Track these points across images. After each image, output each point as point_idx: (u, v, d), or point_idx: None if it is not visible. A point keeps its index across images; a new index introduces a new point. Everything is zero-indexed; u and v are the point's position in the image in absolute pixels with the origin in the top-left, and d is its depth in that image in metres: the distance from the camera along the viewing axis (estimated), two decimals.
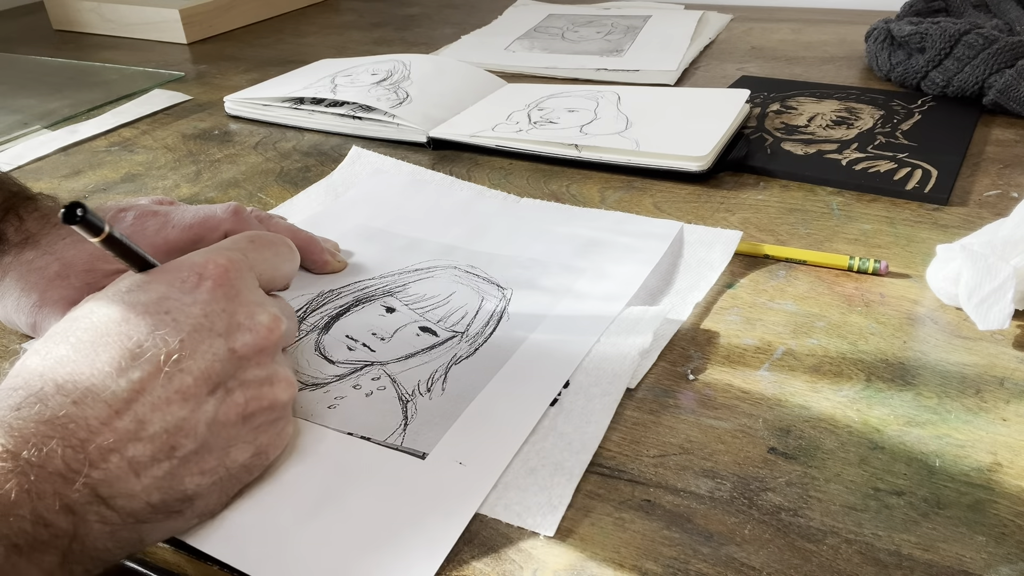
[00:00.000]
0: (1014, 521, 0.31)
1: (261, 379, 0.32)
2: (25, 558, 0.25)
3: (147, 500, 0.28)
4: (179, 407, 0.29)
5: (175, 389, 0.29)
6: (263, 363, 0.32)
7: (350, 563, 0.30)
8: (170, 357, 0.29)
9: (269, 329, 0.32)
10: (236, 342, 0.31)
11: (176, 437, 0.29)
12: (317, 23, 1.12)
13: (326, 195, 0.59)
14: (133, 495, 0.28)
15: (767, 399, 0.38)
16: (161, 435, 0.28)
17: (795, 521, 0.31)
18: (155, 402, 0.28)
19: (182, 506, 0.30)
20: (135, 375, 0.28)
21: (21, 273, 0.42)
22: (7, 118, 0.78)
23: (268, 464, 0.33)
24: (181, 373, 0.29)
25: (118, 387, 0.28)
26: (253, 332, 0.31)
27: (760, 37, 0.94)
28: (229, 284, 0.32)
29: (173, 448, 0.29)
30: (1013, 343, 0.41)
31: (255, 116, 0.75)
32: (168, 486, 0.29)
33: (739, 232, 0.50)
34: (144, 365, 0.29)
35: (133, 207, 0.45)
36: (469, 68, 0.79)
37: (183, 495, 0.29)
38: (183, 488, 0.29)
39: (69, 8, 1.10)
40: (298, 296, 0.46)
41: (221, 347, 0.30)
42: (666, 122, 0.64)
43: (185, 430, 0.29)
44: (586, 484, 0.34)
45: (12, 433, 0.26)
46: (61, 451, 0.26)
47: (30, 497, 0.25)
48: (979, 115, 0.67)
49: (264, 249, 0.36)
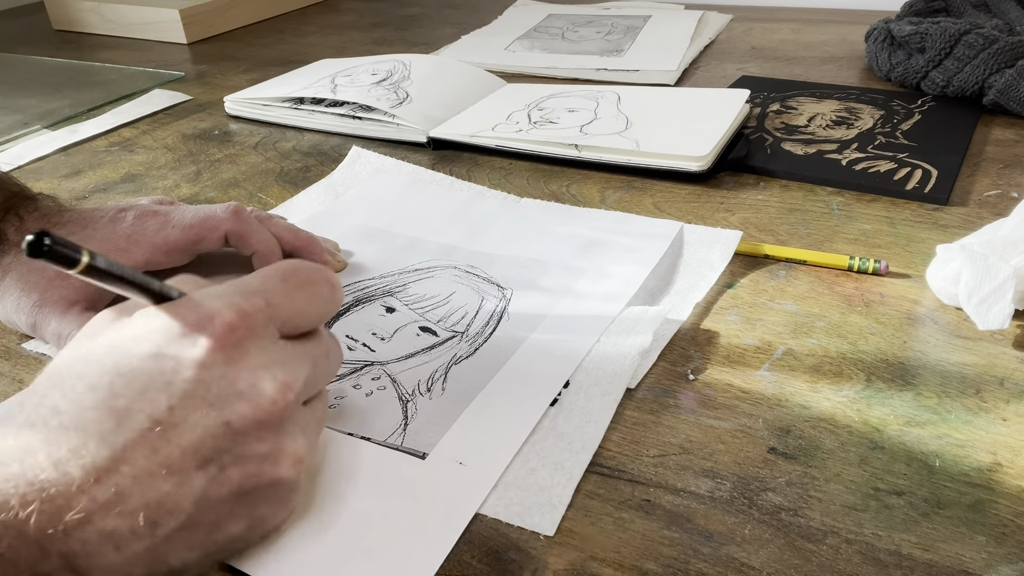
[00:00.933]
0: (1014, 521, 0.31)
1: (262, 455, 0.28)
2: None
3: (128, 573, 0.26)
4: (163, 481, 0.26)
5: (159, 461, 0.26)
6: (264, 437, 0.28)
7: (350, 563, 0.30)
8: (156, 425, 0.26)
9: (272, 401, 0.28)
10: (232, 414, 0.27)
11: (158, 513, 0.26)
12: (317, 23, 1.12)
13: (326, 195, 0.59)
14: (112, 568, 0.25)
15: (767, 399, 0.38)
16: (142, 509, 0.25)
17: (795, 521, 0.31)
18: (137, 473, 0.25)
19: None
20: (118, 440, 0.25)
21: (21, 273, 0.42)
22: (7, 118, 0.78)
23: (270, 531, 0.30)
24: (168, 444, 0.26)
25: (99, 453, 0.25)
26: (252, 403, 0.27)
27: (760, 37, 0.94)
28: (234, 345, 0.27)
29: (155, 524, 0.26)
30: (1013, 343, 0.41)
31: (255, 116, 0.75)
32: (151, 560, 0.26)
33: (739, 232, 0.50)
34: (127, 432, 0.26)
35: (133, 207, 0.45)
36: (469, 68, 0.79)
37: (169, 568, 0.27)
38: (168, 563, 0.27)
39: (69, 8, 1.10)
40: None
41: (214, 419, 0.27)
42: (666, 122, 0.64)
43: (168, 507, 0.26)
44: (586, 484, 0.34)
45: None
46: (35, 520, 0.24)
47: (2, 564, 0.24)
48: (979, 115, 0.67)
49: (297, 292, 0.31)
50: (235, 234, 0.44)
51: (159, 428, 0.26)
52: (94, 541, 0.25)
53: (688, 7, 1.06)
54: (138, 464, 0.25)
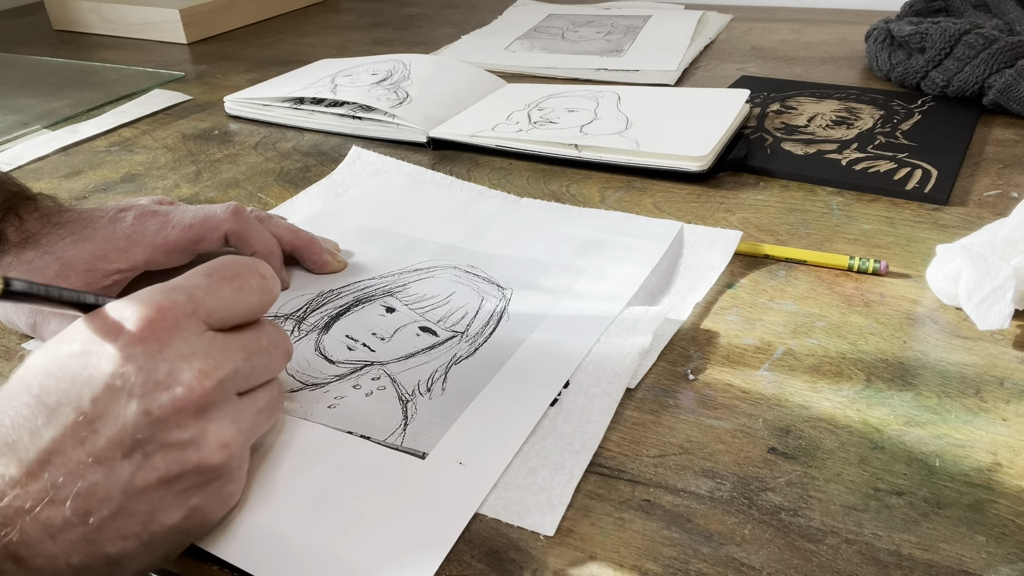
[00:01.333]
0: (1014, 521, 0.31)
1: (184, 441, 0.28)
2: None
3: (67, 562, 0.27)
4: (92, 471, 0.27)
5: (87, 451, 0.27)
6: (185, 424, 0.28)
7: (350, 562, 0.30)
8: (81, 416, 0.27)
9: (190, 388, 0.28)
10: (151, 403, 0.28)
11: (89, 502, 0.27)
12: (317, 23, 1.12)
13: (326, 195, 0.59)
14: (51, 556, 0.27)
15: (767, 399, 0.38)
16: (73, 499, 0.27)
17: (795, 521, 0.31)
18: (67, 464, 0.27)
19: (110, 568, 0.28)
20: (48, 434, 0.27)
21: (21, 273, 0.42)
22: (7, 118, 0.78)
23: (211, 523, 0.31)
24: (94, 435, 0.27)
25: (32, 446, 0.27)
26: (170, 392, 0.28)
27: (760, 37, 0.94)
28: (154, 339, 0.29)
29: (87, 513, 0.27)
30: (1013, 343, 0.41)
31: (255, 116, 0.75)
32: (88, 550, 0.27)
33: (739, 232, 0.50)
34: (56, 425, 0.27)
35: (133, 207, 0.45)
36: (469, 68, 0.79)
37: (107, 558, 0.28)
38: (105, 552, 0.28)
39: (69, 8, 1.10)
40: (298, 296, 0.46)
41: (135, 408, 0.28)
42: (666, 122, 0.64)
43: (99, 495, 0.27)
44: (586, 484, 0.34)
45: None
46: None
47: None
48: (979, 115, 0.67)
49: (223, 286, 0.32)
50: (235, 234, 0.44)
51: (84, 419, 0.27)
52: (31, 531, 0.26)
53: (688, 7, 1.06)
54: (67, 455, 0.27)
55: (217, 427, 0.29)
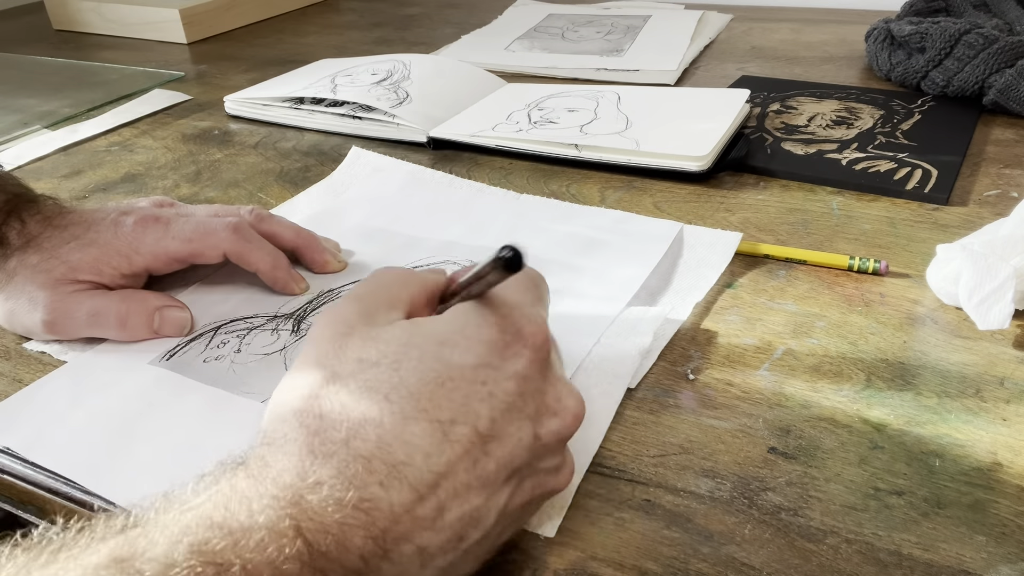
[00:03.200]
0: (1014, 521, 0.31)
1: (550, 468, 0.28)
2: None
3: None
4: (476, 495, 0.25)
5: (477, 475, 0.25)
6: (558, 451, 0.28)
7: None
8: (479, 437, 0.25)
9: (575, 416, 0.28)
10: (542, 428, 0.27)
11: (467, 527, 0.25)
12: (317, 23, 1.12)
13: (326, 195, 0.59)
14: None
15: (767, 399, 0.38)
16: (455, 524, 0.25)
17: (795, 521, 0.31)
18: (457, 488, 0.25)
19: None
20: (443, 457, 0.25)
21: (27, 276, 0.42)
22: (7, 118, 0.78)
23: None
24: (486, 457, 0.26)
25: (427, 469, 0.24)
26: (560, 418, 0.28)
27: (760, 37, 0.94)
28: (544, 360, 0.27)
29: (462, 539, 0.25)
30: (1013, 343, 0.41)
31: (255, 116, 0.75)
32: (445, 572, 0.26)
33: (739, 233, 0.50)
34: (455, 446, 0.25)
35: (133, 210, 0.45)
36: (469, 68, 0.79)
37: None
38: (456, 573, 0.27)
39: (69, 8, 1.10)
40: (298, 296, 0.46)
41: (528, 432, 0.26)
42: (666, 122, 0.64)
43: (476, 519, 0.26)
44: (586, 484, 0.34)
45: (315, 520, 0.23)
46: (361, 543, 0.23)
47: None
48: (979, 115, 0.67)
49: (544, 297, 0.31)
50: (234, 254, 0.44)
51: (481, 441, 0.25)
52: (407, 560, 0.24)
53: (688, 7, 1.06)
54: (458, 478, 0.25)
55: (570, 454, 0.29)
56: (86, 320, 0.41)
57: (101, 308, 0.41)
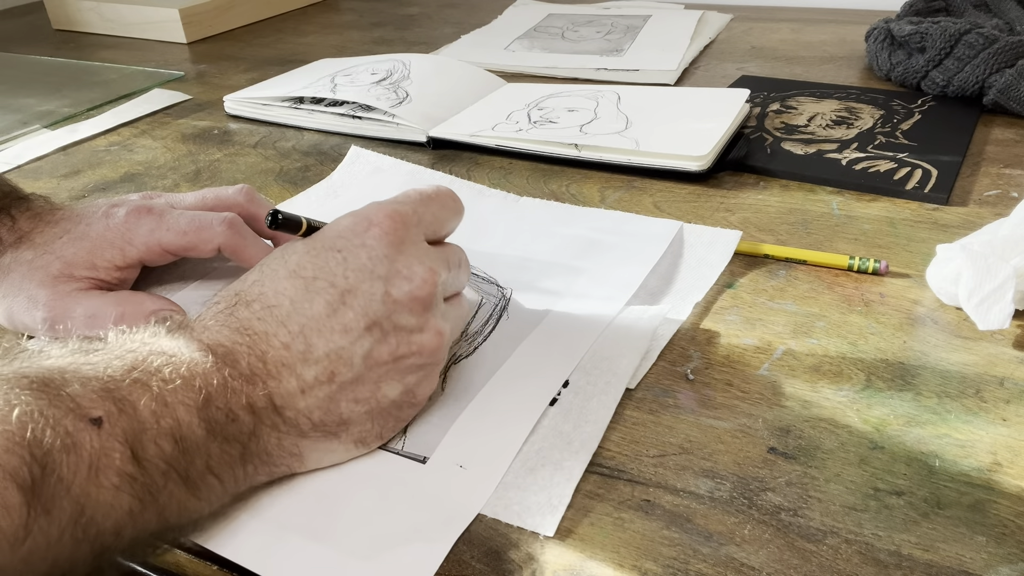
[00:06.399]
0: (1014, 521, 0.31)
1: (412, 326, 0.34)
2: (217, 444, 0.30)
3: (309, 416, 0.32)
4: (340, 337, 0.32)
5: (339, 321, 0.32)
6: (416, 311, 0.34)
7: (349, 563, 0.30)
8: (334, 289, 0.32)
9: (424, 280, 0.34)
10: (393, 287, 0.33)
11: (336, 364, 0.32)
12: (317, 23, 1.12)
13: (326, 195, 0.59)
14: (298, 410, 0.32)
15: (767, 399, 0.38)
16: (324, 360, 0.32)
17: (795, 521, 0.31)
18: (321, 330, 0.32)
19: (338, 428, 0.33)
20: (307, 304, 0.32)
21: (24, 273, 0.42)
22: (7, 118, 0.77)
23: (420, 406, 0.36)
24: (344, 307, 0.32)
25: (293, 311, 0.32)
26: (409, 281, 0.33)
27: (760, 37, 0.94)
28: (394, 233, 0.34)
29: (333, 374, 0.32)
30: (1013, 343, 0.41)
31: (255, 116, 0.75)
32: (327, 407, 0.32)
33: (739, 232, 0.50)
34: (316, 296, 0.32)
35: (124, 203, 0.45)
36: (469, 68, 0.79)
37: (339, 418, 0.33)
38: (339, 411, 0.33)
39: (69, 8, 1.10)
40: None
41: (380, 289, 0.33)
42: (666, 122, 0.64)
43: (344, 359, 0.32)
44: (586, 484, 0.33)
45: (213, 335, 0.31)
46: (247, 358, 0.31)
47: (225, 391, 0.30)
48: (979, 115, 0.67)
49: (432, 204, 0.37)
50: (228, 248, 0.44)
51: (337, 293, 0.32)
52: (287, 382, 0.31)
53: (688, 7, 1.06)
54: (322, 321, 0.32)
55: (434, 320, 0.34)
56: (83, 321, 0.41)
57: (98, 310, 0.41)
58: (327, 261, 0.33)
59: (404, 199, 0.36)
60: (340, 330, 0.32)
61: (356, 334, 0.32)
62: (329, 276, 0.33)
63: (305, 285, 0.32)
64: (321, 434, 0.33)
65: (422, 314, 0.34)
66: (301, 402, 0.32)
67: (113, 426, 0.27)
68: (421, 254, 0.35)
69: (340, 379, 0.32)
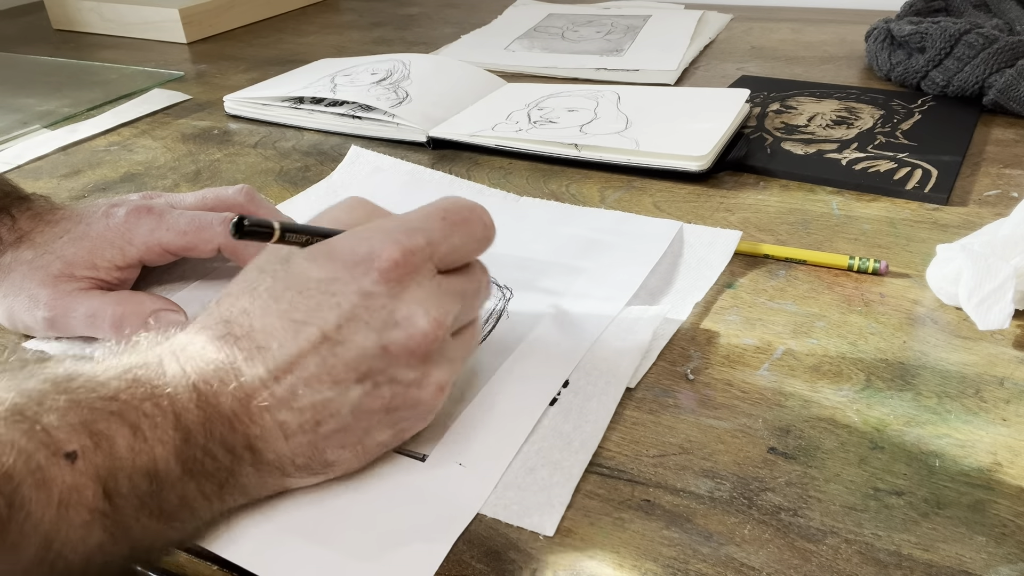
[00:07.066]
0: (1014, 521, 0.31)
1: (409, 381, 0.31)
2: (195, 482, 0.29)
3: (292, 460, 0.31)
4: (328, 389, 0.30)
5: (326, 370, 0.30)
6: (414, 365, 0.31)
7: (349, 563, 0.30)
8: (325, 339, 0.30)
9: (424, 334, 0.31)
10: (388, 340, 0.30)
11: (322, 414, 0.30)
12: (317, 23, 1.12)
13: (326, 195, 0.59)
14: (280, 454, 0.31)
15: (767, 399, 0.38)
16: (309, 409, 0.30)
17: (795, 521, 0.31)
18: (307, 378, 0.30)
19: (323, 469, 0.32)
20: (294, 348, 0.30)
21: (24, 273, 0.42)
22: (7, 118, 0.77)
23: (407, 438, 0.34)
24: (334, 357, 0.30)
25: (281, 356, 0.30)
26: (406, 334, 0.31)
27: (760, 37, 0.94)
28: (396, 280, 0.31)
29: (318, 423, 0.30)
30: (1013, 343, 0.41)
31: (255, 116, 0.75)
32: (310, 454, 0.31)
33: (739, 232, 0.50)
34: (303, 342, 0.30)
35: (123, 202, 0.45)
36: (469, 68, 0.79)
37: (324, 462, 0.32)
38: (324, 457, 0.31)
39: (69, 8, 1.10)
40: None
41: (374, 342, 0.30)
42: (666, 122, 0.64)
43: (330, 410, 0.30)
44: (586, 484, 0.33)
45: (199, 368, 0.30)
46: (229, 401, 0.30)
47: (204, 430, 0.29)
48: (979, 115, 0.67)
49: (455, 234, 0.33)
50: (228, 248, 0.44)
51: (328, 343, 0.30)
52: (269, 428, 0.30)
53: (688, 7, 1.06)
54: (309, 370, 0.30)
55: (437, 371, 0.32)
56: (83, 321, 0.41)
57: (98, 310, 0.41)
58: (320, 305, 0.30)
59: (422, 223, 0.33)
60: (329, 381, 0.30)
61: (345, 386, 0.30)
62: (320, 323, 0.30)
63: (296, 330, 0.30)
64: (305, 474, 0.32)
65: (419, 367, 0.31)
66: (284, 448, 0.30)
67: (88, 462, 0.26)
68: (426, 297, 0.31)
69: (325, 429, 0.31)
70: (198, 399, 0.29)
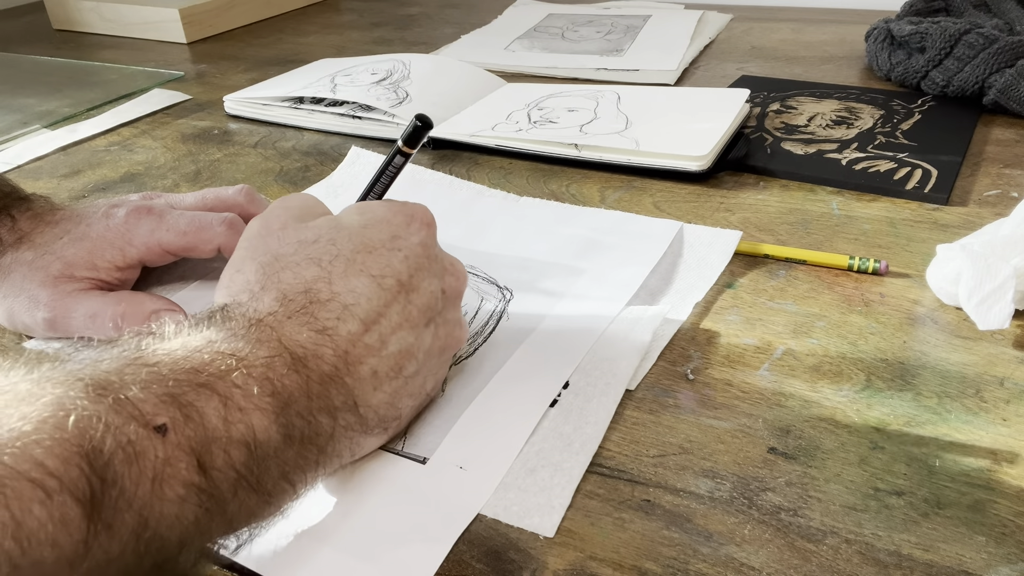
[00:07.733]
0: (1014, 521, 0.31)
1: (453, 320, 0.36)
2: (294, 448, 0.29)
3: (376, 412, 0.32)
4: (407, 332, 0.33)
5: (405, 317, 0.33)
6: (456, 305, 0.36)
7: (349, 564, 0.30)
8: (402, 288, 0.33)
9: (463, 274, 0.36)
10: (446, 283, 0.35)
11: (404, 359, 0.33)
12: (317, 23, 1.12)
13: (326, 195, 0.59)
14: (371, 406, 0.32)
15: (767, 399, 0.38)
16: (395, 355, 0.32)
17: (795, 521, 0.31)
18: (392, 325, 0.32)
19: (390, 424, 0.34)
20: (380, 299, 0.32)
21: (24, 273, 0.42)
22: (7, 118, 0.77)
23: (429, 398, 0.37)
24: (410, 304, 0.33)
25: (370, 309, 0.32)
26: (456, 276, 0.35)
27: (760, 37, 0.94)
28: (433, 228, 0.35)
29: (400, 368, 0.33)
30: (1013, 343, 0.41)
31: (255, 116, 0.75)
32: (391, 403, 0.33)
33: (739, 232, 0.50)
34: (386, 292, 0.32)
35: (123, 203, 0.45)
36: (469, 68, 0.79)
37: (396, 414, 0.33)
38: (399, 405, 0.33)
39: (69, 8, 1.10)
40: None
41: (436, 286, 0.34)
42: (666, 122, 0.64)
43: (411, 353, 0.33)
44: (586, 484, 0.33)
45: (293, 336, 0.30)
46: (331, 359, 0.30)
47: (304, 393, 0.29)
48: (979, 115, 0.67)
49: None
50: (228, 248, 0.44)
51: (404, 291, 0.33)
52: (364, 379, 0.31)
53: (688, 7, 1.06)
54: (393, 319, 0.32)
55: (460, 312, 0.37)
56: (84, 321, 0.41)
57: (98, 310, 0.41)
58: (391, 260, 0.33)
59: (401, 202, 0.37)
60: (408, 326, 0.33)
61: (419, 330, 0.33)
62: (395, 274, 0.33)
63: (377, 283, 0.32)
64: (379, 430, 0.33)
65: (458, 307, 0.36)
66: (374, 398, 0.32)
67: (179, 435, 0.25)
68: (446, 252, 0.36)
69: (406, 373, 0.33)
70: (293, 363, 0.29)
